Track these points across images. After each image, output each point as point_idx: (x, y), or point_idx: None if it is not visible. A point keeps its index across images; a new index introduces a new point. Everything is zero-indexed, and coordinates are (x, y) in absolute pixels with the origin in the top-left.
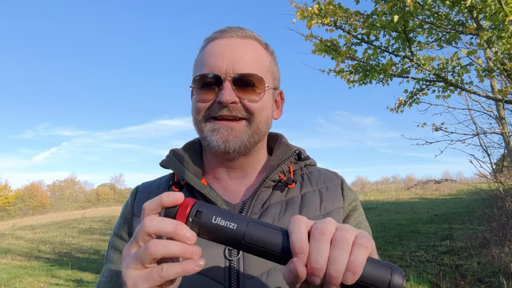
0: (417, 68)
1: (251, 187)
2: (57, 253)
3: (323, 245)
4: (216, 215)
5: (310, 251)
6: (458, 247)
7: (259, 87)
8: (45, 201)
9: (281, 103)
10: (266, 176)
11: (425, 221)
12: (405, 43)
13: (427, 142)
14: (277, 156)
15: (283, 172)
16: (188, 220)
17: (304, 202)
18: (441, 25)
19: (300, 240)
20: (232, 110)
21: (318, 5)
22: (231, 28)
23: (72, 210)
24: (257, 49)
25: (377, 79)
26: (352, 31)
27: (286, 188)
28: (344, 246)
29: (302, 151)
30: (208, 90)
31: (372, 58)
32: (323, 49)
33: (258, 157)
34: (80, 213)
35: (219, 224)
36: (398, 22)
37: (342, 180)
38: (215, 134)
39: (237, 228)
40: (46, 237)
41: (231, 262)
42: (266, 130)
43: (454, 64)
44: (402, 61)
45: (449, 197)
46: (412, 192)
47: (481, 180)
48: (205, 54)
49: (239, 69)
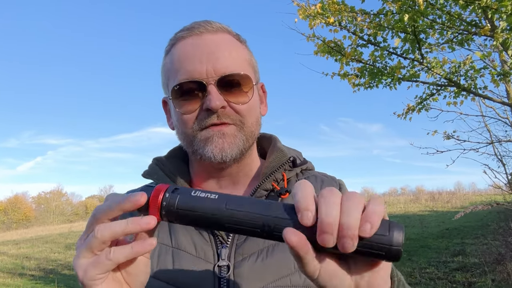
0: (427, 71)
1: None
2: (42, 270)
3: (334, 198)
4: (195, 190)
5: (319, 206)
6: (471, 263)
7: (246, 86)
8: (30, 214)
9: (264, 97)
10: (257, 185)
11: (436, 235)
12: (415, 45)
13: (438, 151)
14: (270, 163)
15: (277, 181)
16: (165, 196)
17: None
18: (453, 25)
19: (307, 196)
20: (222, 117)
21: (321, 3)
22: (198, 23)
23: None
24: (233, 43)
25: (384, 83)
26: (358, 31)
27: (279, 199)
28: (356, 198)
29: (298, 156)
30: (191, 98)
31: (379, 61)
32: (326, 50)
33: (249, 161)
34: (67, 227)
35: (198, 196)
36: (408, 22)
37: (340, 184)
38: (208, 144)
39: (219, 197)
40: (30, 252)
41: (221, 280)
42: (259, 131)
43: (467, 68)
44: (411, 64)
45: (461, 210)
46: (422, 204)
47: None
48: (177, 57)
49: (222, 70)
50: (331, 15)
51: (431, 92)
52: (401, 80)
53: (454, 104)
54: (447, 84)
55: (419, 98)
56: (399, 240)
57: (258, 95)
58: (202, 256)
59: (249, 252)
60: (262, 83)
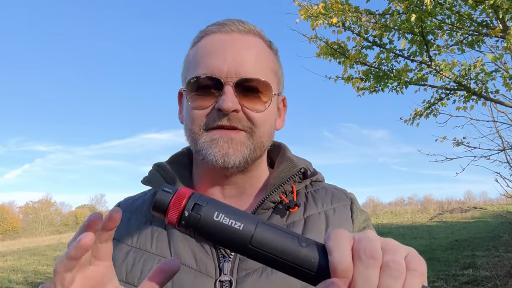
0: (436, 74)
1: (248, 208)
2: (30, 283)
3: (373, 271)
4: (219, 211)
5: (355, 277)
6: (482, 277)
7: (265, 94)
8: (17, 225)
9: (284, 111)
10: (265, 197)
11: (445, 247)
12: (423, 47)
13: (447, 159)
14: (279, 173)
15: (285, 193)
16: (184, 214)
17: (307, 227)
18: (462, 26)
19: (345, 261)
20: (233, 120)
21: (324, 3)
22: (231, 21)
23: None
24: (262, 48)
25: (390, 87)
26: (362, 32)
27: (287, 212)
28: (399, 273)
29: (308, 166)
30: (205, 95)
31: (385, 63)
32: (329, 52)
33: (257, 173)
34: (56, 238)
35: (221, 222)
36: (415, 22)
37: (352, 199)
38: (212, 147)
39: (244, 228)
40: (17, 265)
41: None
42: (269, 144)
43: (477, 71)
44: (418, 67)
45: (471, 220)
46: (430, 214)
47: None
48: (201, 51)
49: (243, 72)
50: (334, 15)
51: (440, 97)
52: (408, 83)
53: (464, 109)
54: (457, 88)
55: (427, 102)
56: None
57: (276, 107)
58: (203, 270)
59: (253, 268)
60: (284, 96)
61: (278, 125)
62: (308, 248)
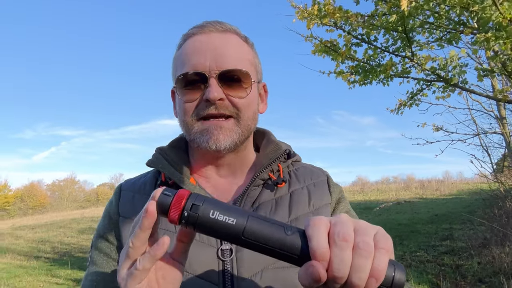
0: (417, 68)
1: (241, 185)
2: (56, 253)
3: (346, 253)
4: (214, 209)
5: (332, 258)
6: (459, 247)
7: (245, 82)
8: (45, 201)
9: (265, 96)
10: (256, 175)
11: (426, 221)
12: (406, 43)
13: (427, 142)
14: (266, 154)
15: (273, 171)
16: (183, 214)
17: (293, 200)
18: (441, 24)
19: (322, 246)
20: (220, 108)
21: (317, 6)
22: (209, 23)
23: (72, 210)
24: (238, 43)
25: (378, 80)
26: (352, 31)
27: (275, 187)
28: (368, 253)
29: (289, 148)
30: (193, 88)
31: (372, 59)
32: (323, 49)
33: (246, 153)
34: (79, 213)
35: (217, 219)
36: (396, 21)
37: (327, 175)
38: (204, 135)
39: (237, 223)
40: (45, 236)
41: (225, 263)
42: (255, 126)
43: (454, 64)
44: (402, 61)
45: (449, 197)
46: (412, 192)
47: (482, 180)
48: (185, 52)
49: (223, 65)
50: (326, 16)
51: (421, 87)
52: (393, 76)
53: (442, 98)
54: (436, 79)
55: (410, 93)
56: (402, 280)
57: (257, 93)
58: (206, 241)
59: None
60: (264, 83)
61: (261, 109)
62: (292, 236)
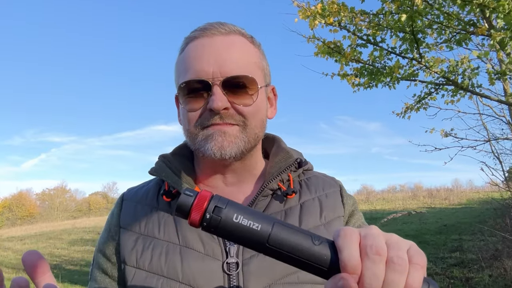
0: (425, 70)
1: (249, 196)
2: None
3: (379, 267)
4: (238, 213)
5: (363, 272)
6: (469, 259)
7: (251, 88)
8: (34, 211)
9: (275, 100)
10: (265, 185)
11: (434, 231)
12: (413, 44)
13: (436, 149)
14: (276, 163)
15: (282, 181)
16: (205, 216)
17: (303, 212)
18: (451, 25)
19: (354, 258)
20: (225, 117)
21: (321, 4)
22: (212, 25)
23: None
24: (244, 45)
25: (383, 83)
26: (357, 31)
27: (285, 198)
28: (402, 268)
29: (301, 156)
30: (196, 97)
31: (378, 61)
32: (326, 51)
33: (254, 161)
34: (71, 223)
35: (240, 224)
36: (406, 21)
37: (341, 186)
38: (208, 142)
39: (262, 229)
40: (35, 248)
41: (230, 277)
42: (263, 133)
43: (464, 67)
44: (409, 63)
45: (459, 207)
46: (420, 201)
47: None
48: (187, 56)
49: (228, 71)
50: (331, 15)
51: (429, 91)
52: (399, 79)
53: (451, 102)
54: (445, 83)
55: (417, 97)
56: None
57: (265, 97)
58: (211, 254)
59: None
60: (273, 86)
61: (270, 114)
62: (321, 246)
